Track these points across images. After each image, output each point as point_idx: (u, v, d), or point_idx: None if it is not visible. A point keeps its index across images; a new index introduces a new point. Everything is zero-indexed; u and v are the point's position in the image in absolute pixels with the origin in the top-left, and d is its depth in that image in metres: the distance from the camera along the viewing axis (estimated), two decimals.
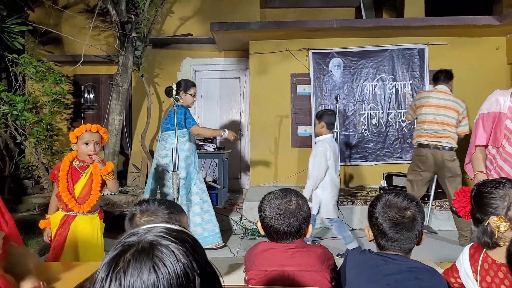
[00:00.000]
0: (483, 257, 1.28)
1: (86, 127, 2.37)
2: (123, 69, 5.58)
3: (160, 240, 0.63)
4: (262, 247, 1.45)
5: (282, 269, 1.35)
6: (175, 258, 0.61)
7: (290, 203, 1.43)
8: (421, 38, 5.73)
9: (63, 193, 2.33)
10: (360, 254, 1.34)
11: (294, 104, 5.95)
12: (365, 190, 5.39)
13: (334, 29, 5.46)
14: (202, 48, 6.51)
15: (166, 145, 3.64)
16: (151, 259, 0.61)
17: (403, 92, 5.81)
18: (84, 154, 2.37)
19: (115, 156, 5.73)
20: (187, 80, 3.86)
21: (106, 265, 0.62)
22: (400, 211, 1.28)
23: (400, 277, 1.23)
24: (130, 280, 0.59)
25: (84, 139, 2.35)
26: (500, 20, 5.20)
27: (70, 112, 6.60)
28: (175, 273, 0.60)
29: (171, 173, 3.32)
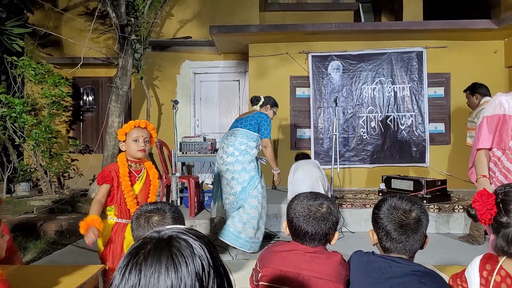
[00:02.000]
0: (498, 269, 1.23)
1: (134, 122, 2.24)
2: (122, 71, 5.58)
3: (178, 234, 0.66)
4: (282, 247, 1.44)
5: (298, 271, 1.34)
6: (192, 251, 0.64)
7: (322, 205, 1.41)
8: (420, 41, 5.75)
9: (129, 199, 2.17)
10: (363, 257, 1.34)
11: (294, 107, 5.96)
12: (364, 193, 5.39)
13: (333, 33, 5.48)
14: (201, 51, 6.52)
15: (235, 142, 3.62)
16: (170, 249, 0.63)
17: (401, 95, 5.83)
18: (134, 152, 2.22)
19: (114, 159, 5.72)
20: (273, 98, 4.03)
21: (126, 255, 0.64)
22: (405, 212, 1.28)
23: (403, 280, 1.23)
24: (150, 269, 0.61)
25: (133, 136, 2.21)
26: (498, 23, 5.23)
27: (69, 114, 6.59)
28: (192, 265, 0.62)
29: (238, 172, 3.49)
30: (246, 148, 3.62)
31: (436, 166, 5.69)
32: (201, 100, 6.75)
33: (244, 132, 3.65)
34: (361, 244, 1.51)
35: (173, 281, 0.60)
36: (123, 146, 2.26)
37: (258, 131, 3.67)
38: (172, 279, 0.60)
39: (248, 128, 3.66)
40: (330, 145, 5.67)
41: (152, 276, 0.60)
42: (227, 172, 3.63)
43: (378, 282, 1.25)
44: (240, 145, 3.60)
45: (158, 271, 0.60)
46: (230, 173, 3.61)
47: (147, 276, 0.60)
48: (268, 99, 3.94)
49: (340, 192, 5.39)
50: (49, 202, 5.22)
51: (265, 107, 3.90)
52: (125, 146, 2.25)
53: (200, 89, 6.76)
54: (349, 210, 4.64)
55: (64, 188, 6.24)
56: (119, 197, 2.19)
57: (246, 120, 3.70)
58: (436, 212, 4.51)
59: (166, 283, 0.60)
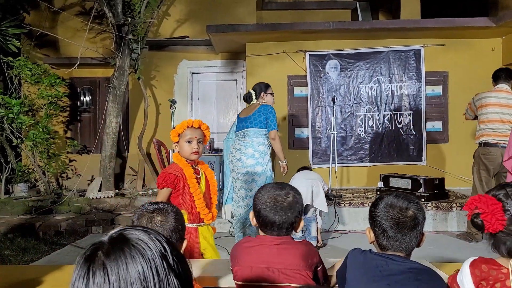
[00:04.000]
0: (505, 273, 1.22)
1: (188, 122, 2.13)
2: (119, 71, 5.57)
3: (128, 229, 0.66)
4: (249, 243, 1.46)
5: (267, 266, 1.36)
6: (150, 236, 0.65)
7: (288, 195, 1.44)
8: (417, 40, 5.76)
9: (199, 201, 2.07)
10: (360, 255, 1.34)
11: (291, 106, 5.96)
12: (362, 192, 5.40)
13: (330, 31, 5.48)
14: (198, 50, 6.51)
15: (252, 143, 3.60)
16: (128, 240, 0.63)
17: (399, 94, 5.84)
18: (188, 154, 2.11)
19: (112, 159, 5.72)
20: (261, 83, 3.88)
21: (82, 263, 0.63)
22: (402, 210, 1.29)
23: (400, 277, 1.23)
24: (115, 262, 0.60)
25: (186, 137, 2.10)
26: (495, 21, 5.24)
27: (66, 115, 6.58)
28: (154, 245, 0.63)
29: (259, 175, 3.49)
30: (264, 148, 3.64)
31: (434, 164, 5.70)
32: (198, 100, 6.74)
33: (257, 131, 3.62)
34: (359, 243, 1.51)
35: (143, 264, 0.60)
36: (176, 147, 2.16)
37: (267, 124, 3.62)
38: (141, 263, 0.60)
39: (259, 126, 3.61)
40: (328, 144, 5.67)
41: (120, 269, 0.60)
42: (247, 175, 3.61)
43: (375, 280, 1.25)
44: (258, 145, 3.60)
45: (125, 262, 0.60)
46: (251, 176, 3.60)
47: (114, 272, 0.60)
48: (257, 87, 3.80)
49: (338, 191, 5.40)
50: (47, 202, 5.22)
51: (261, 96, 3.76)
52: (178, 147, 2.15)
53: (197, 89, 6.75)
54: (347, 209, 4.65)
55: (62, 188, 6.23)
56: (187, 201, 2.06)
57: (255, 118, 3.64)
58: (434, 210, 4.52)
59: (136, 269, 0.60)
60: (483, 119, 3.91)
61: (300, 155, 5.83)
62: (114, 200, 5.33)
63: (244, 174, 3.61)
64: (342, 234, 4.40)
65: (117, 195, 5.58)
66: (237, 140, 3.72)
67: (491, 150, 3.83)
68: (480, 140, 3.94)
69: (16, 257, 3.70)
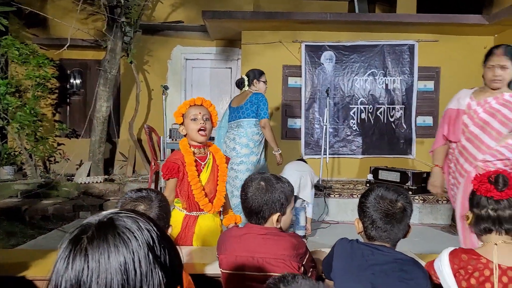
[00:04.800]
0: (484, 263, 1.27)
1: (189, 101, 2.01)
2: (111, 55, 5.47)
3: (118, 214, 0.64)
4: (236, 232, 1.47)
5: (252, 255, 1.37)
6: (139, 224, 0.63)
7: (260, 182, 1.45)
8: (412, 34, 5.76)
9: (197, 191, 1.93)
10: (347, 244, 1.36)
11: (285, 97, 5.94)
12: (352, 183, 5.44)
13: (327, 22, 5.45)
14: (193, 36, 6.42)
15: (246, 132, 3.59)
16: (115, 228, 0.61)
17: (392, 88, 5.86)
18: (195, 133, 1.95)
19: (101, 144, 5.66)
20: (255, 69, 3.80)
21: (67, 245, 0.61)
22: (392, 202, 1.31)
23: (385, 267, 1.26)
24: (97, 251, 0.59)
25: (190, 115, 1.97)
26: (489, 19, 5.26)
27: (55, 97, 6.46)
28: (142, 236, 0.61)
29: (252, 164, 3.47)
30: (259, 138, 3.64)
31: (424, 159, 5.75)
32: (192, 87, 6.68)
33: (250, 122, 3.60)
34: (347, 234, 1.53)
35: (126, 256, 0.59)
36: (183, 130, 2.01)
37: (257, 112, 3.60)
38: (124, 254, 0.59)
39: (252, 116, 3.59)
40: (320, 135, 5.68)
41: (101, 257, 0.58)
42: (241, 164, 3.60)
43: (360, 269, 1.27)
44: (252, 135, 3.59)
45: (107, 251, 0.58)
46: (245, 165, 3.60)
47: (95, 259, 0.58)
48: (251, 73, 3.74)
49: (328, 182, 5.43)
50: (34, 186, 5.15)
51: (253, 83, 3.71)
52: (185, 129, 2.00)
53: (191, 75, 6.68)
54: (336, 200, 4.69)
55: (49, 172, 6.15)
56: (185, 189, 1.95)
57: (247, 108, 3.61)
58: (421, 203, 4.59)
59: (118, 259, 0.58)
60: None
61: (292, 146, 5.83)
62: (103, 186, 5.29)
63: (238, 163, 3.61)
64: (331, 224, 4.44)
65: (106, 180, 5.54)
66: (231, 130, 3.71)
67: None
68: None
69: (2, 240, 3.66)
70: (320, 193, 4.69)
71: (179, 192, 1.98)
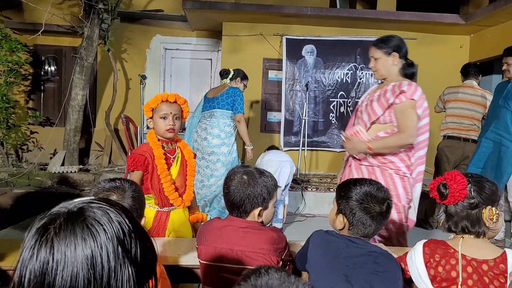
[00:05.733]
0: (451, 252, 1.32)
1: (162, 96, 1.92)
2: (88, 42, 5.32)
3: (90, 204, 0.63)
4: (217, 223, 1.46)
5: (231, 247, 1.37)
6: (109, 217, 0.61)
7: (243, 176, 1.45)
8: (391, 32, 5.82)
9: (166, 184, 1.89)
10: (323, 236, 1.37)
11: (265, 90, 5.94)
12: (330, 177, 5.51)
13: (308, 16, 5.46)
14: (173, 25, 6.32)
15: (219, 123, 3.58)
16: (84, 219, 0.60)
17: (372, 83, 5.94)
18: (162, 132, 1.92)
19: (77, 133, 5.52)
20: (242, 71, 3.92)
21: (34, 233, 0.59)
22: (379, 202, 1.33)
23: (359, 260, 1.28)
24: (64, 242, 0.57)
25: (161, 112, 1.91)
26: (465, 19, 5.40)
27: (28, 84, 6.25)
28: (111, 229, 0.60)
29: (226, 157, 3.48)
30: (230, 129, 3.64)
31: None
32: (171, 77, 6.59)
33: (224, 113, 3.61)
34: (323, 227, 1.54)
35: (93, 249, 0.57)
36: (150, 123, 1.97)
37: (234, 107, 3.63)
38: (91, 247, 0.57)
39: (226, 108, 3.61)
40: (299, 129, 5.72)
41: (67, 249, 0.57)
42: (212, 155, 3.61)
43: (335, 260, 1.29)
44: (224, 126, 3.60)
45: (74, 243, 0.57)
46: (216, 155, 3.61)
47: (61, 251, 0.57)
48: (237, 72, 3.86)
49: (306, 175, 5.48)
50: (5, 175, 4.98)
51: (235, 80, 3.81)
52: (153, 123, 1.96)
53: (170, 66, 6.58)
54: (314, 194, 4.74)
55: (22, 161, 5.96)
56: (156, 183, 1.90)
57: (222, 100, 3.63)
58: None
59: (85, 252, 0.57)
60: (449, 113, 4.08)
61: (271, 139, 5.85)
62: (78, 176, 5.17)
63: (209, 153, 3.62)
64: (308, 217, 4.50)
65: (81, 170, 5.42)
66: (203, 120, 3.71)
67: (454, 143, 4.01)
68: (444, 133, 4.11)
69: None
70: (297, 187, 4.73)
71: (151, 187, 1.93)
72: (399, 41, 2.23)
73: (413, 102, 2.07)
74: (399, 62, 2.19)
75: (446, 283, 1.29)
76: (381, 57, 2.21)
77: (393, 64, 2.19)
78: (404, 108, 2.07)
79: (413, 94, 2.07)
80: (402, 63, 2.20)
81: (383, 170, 2.15)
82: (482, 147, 3.55)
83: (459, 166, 4.04)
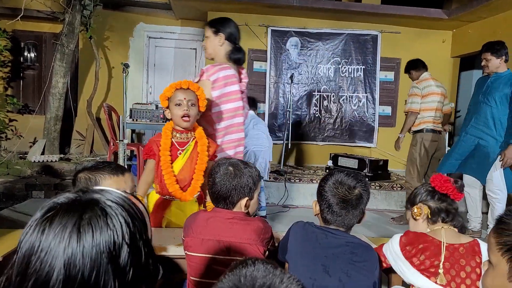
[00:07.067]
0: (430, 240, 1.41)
1: (176, 84, 1.91)
2: (69, 28, 5.19)
3: (100, 201, 0.62)
4: (203, 215, 1.47)
5: (218, 239, 1.38)
6: (106, 222, 0.60)
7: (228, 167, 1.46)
8: (376, 25, 5.89)
9: (167, 176, 1.88)
10: (303, 227, 1.40)
11: (250, 81, 5.87)
12: (312, 169, 5.57)
13: (294, 8, 5.45)
14: (157, 14, 6.21)
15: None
16: (80, 216, 0.59)
17: (355, 76, 5.99)
18: (178, 118, 1.90)
19: (57, 121, 5.41)
20: None
21: (40, 210, 0.61)
22: (349, 188, 1.35)
23: (337, 250, 1.31)
24: (53, 231, 0.57)
25: (175, 99, 1.90)
26: (448, 14, 5.48)
27: (7, 70, 6.06)
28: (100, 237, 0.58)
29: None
30: None
31: (381, 147, 5.98)
32: (155, 66, 6.50)
33: None
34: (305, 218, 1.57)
35: (73, 250, 0.57)
36: (168, 114, 1.96)
37: None
38: (73, 248, 0.57)
39: None
40: (283, 121, 5.74)
41: (53, 241, 0.57)
42: None
43: (314, 251, 1.32)
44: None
45: (60, 237, 0.57)
46: None
47: (48, 240, 0.57)
48: None
49: (289, 167, 5.53)
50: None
51: None
52: (170, 113, 1.95)
53: (154, 55, 6.49)
54: (297, 185, 4.79)
55: (0, 149, 5.82)
56: (159, 172, 1.91)
57: None
58: (377, 190, 4.79)
59: (66, 250, 0.57)
60: (426, 107, 4.03)
61: None
62: (58, 165, 5.08)
63: None
64: (290, 208, 4.55)
65: (62, 159, 5.32)
66: None
67: (434, 137, 4.05)
68: (422, 126, 4.05)
69: None
70: (281, 178, 4.77)
71: (156, 174, 1.95)
72: (229, 24, 2.28)
73: (208, 83, 2.11)
74: (226, 44, 2.24)
75: (425, 266, 1.36)
76: (210, 36, 2.25)
77: (219, 44, 2.23)
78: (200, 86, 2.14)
79: (211, 75, 2.11)
80: (230, 46, 2.25)
81: None
82: (461, 141, 3.64)
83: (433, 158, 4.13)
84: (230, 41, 2.23)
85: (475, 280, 1.31)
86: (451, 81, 6.14)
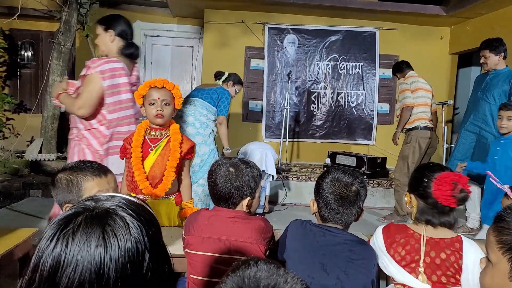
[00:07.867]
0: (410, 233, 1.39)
1: (150, 83, 1.90)
2: (65, 27, 5.16)
3: (116, 210, 0.62)
4: (205, 213, 1.46)
5: (219, 237, 1.37)
6: (128, 231, 0.60)
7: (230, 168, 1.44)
8: (374, 22, 5.88)
9: (137, 171, 1.87)
10: (300, 225, 1.39)
11: (247, 78, 5.91)
12: (310, 167, 5.57)
13: (290, 5, 5.43)
14: (154, 12, 6.19)
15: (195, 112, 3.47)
16: (103, 227, 0.59)
17: (353, 73, 5.98)
18: (152, 117, 1.90)
19: (55, 120, 5.39)
20: (238, 76, 3.89)
21: (56, 224, 0.60)
22: (347, 185, 1.34)
23: (335, 248, 1.31)
24: (78, 244, 0.57)
25: (149, 98, 1.89)
26: (446, 10, 5.47)
27: (3, 69, 6.04)
28: (125, 247, 0.59)
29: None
30: (206, 120, 3.50)
31: (379, 145, 5.98)
32: (151, 65, 6.48)
33: (203, 104, 3.49)
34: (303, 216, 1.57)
35: (102, 260, 0.57)
36: (143, 111, 1.96)
37: (217, 107, 3.52)
38: (101, 257, 0.57)
39: (208, 101, 3.49)
40: (281, 119, 5.73)
41: (79, 253, 0.57)
42: None
43: (312, 249, 1.31)
44: (200, 116, 3.47)
45: (87, 248, 0.57)
46: None
47: (73, 251, 0.57)
48: (233, 75, 3.80)
49: (287, 165, 5.52)
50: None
51: (227, 83, 3.73)
52: (145, 111, 1.95)
53: (151, 53, 6.47)
54: (295, 183, 4.79)
55: None
56: (130, 170, 1.90)
57: (208, 93, 3.52)
58: (375, 187, 4.79)
59: (95, 261, 0.56)
60: (418, 103, 3.96)
61: (253, 128, 5.85)
62: (55, 164, 5.06)
63: None
64: (288, 206, 4.55)
65: (59, 158, 5.30)
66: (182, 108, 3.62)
67: (428, 134, 4.00)
68: (416, 124, 3.98)
69: None
70: (278, 176, 4.76)
71: (127, 171, 1.95)
72: (119, 21, 2.29)
73: (96, 74, 2.13)
74: (118, 40, 2.25)
75: (406, 262, 1.35)
76: (100, 33, 2.27)
77: (110, 41, 2.25)
78: (86, 80, 2.16)
79: (97, 67, 2.14)
80: (122, 42, 2.26)
81: (77, 144, 2.23)
82: (462, 138, 3.64)
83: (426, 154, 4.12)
84: (121, 37, 2.26)
85: (455, 273, 1.30)
86: (449, 78, 6.14)
